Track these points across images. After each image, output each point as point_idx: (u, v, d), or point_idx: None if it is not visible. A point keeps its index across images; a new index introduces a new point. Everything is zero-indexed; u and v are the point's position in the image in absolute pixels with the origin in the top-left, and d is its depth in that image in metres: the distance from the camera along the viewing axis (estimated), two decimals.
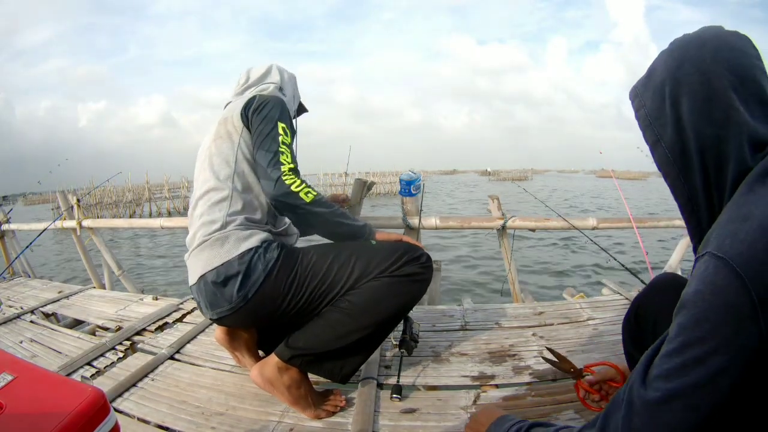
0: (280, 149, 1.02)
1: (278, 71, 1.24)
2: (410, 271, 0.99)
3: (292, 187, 0.98)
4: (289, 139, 1.04)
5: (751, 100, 0.51)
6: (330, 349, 0.97)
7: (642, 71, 0.61)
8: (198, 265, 0.98)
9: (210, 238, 0.97)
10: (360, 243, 1.05)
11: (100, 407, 0.54)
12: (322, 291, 0.97)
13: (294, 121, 1.27)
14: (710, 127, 0.52)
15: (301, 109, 1.37)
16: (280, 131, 1.03)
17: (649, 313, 0.75)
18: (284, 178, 0.99)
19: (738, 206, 0.48)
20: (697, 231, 0.58)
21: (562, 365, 0.90)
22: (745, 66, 0.51)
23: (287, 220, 1.14)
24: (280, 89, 1.21)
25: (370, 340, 1.00)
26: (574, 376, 0.89)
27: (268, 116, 1.05)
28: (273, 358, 1.02)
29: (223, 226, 0.98)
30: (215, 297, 0.96)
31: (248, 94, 1.15)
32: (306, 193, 0.98)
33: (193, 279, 1.00)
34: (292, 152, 1.04)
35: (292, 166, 1.01)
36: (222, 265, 0.94)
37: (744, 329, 0.41)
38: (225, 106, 1.21)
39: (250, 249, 0.96)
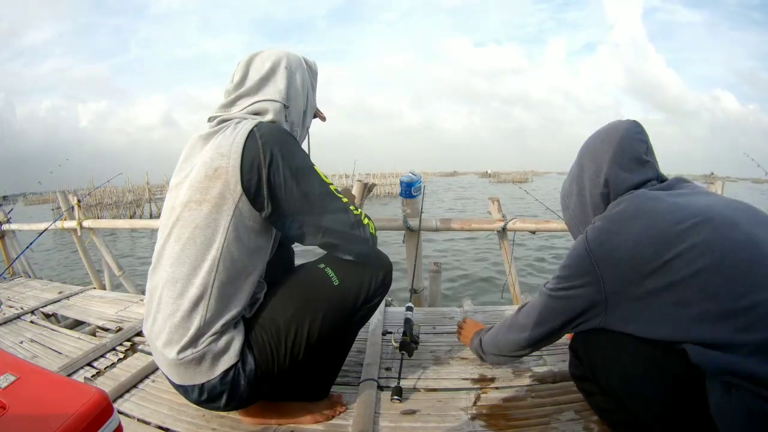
0: (341, 197, 0.88)
1: (286, 74, 0.92)
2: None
3: (373, 231, 0.94)
4: (327, 179, 0.88)
5: (626, 162, 0.84)
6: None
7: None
8: (171, 372, 0.85)
9: (182, 359, 0.81)
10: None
11: (104, 408, 0.54)
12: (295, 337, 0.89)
13: (306, 131, 1.05)
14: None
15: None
16: (323, 177, 0.87)
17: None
18: (372, 231, 0.93)
19: (603, 215, 0.81)
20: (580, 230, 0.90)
21: None
22: (624, 142, 0.85)
23: (259, 295, 0.90)
24: (285, 107, 0.92)
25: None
26: None
27: (299, 168, 0.83)
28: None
29: (194, 341, 0.81)
30: (205, 404, 0.88)
31: (238, 116, 0.88)
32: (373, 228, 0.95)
33: (168, 375, 0.87)
34: (337, 189, 0.89)
35: (353, 207, 0.90)
36: (202, 384, 0.83)
37: (589, 271, 0.76)
38: (210, 120, 0.91)
39: (230, 368, 0.83)
